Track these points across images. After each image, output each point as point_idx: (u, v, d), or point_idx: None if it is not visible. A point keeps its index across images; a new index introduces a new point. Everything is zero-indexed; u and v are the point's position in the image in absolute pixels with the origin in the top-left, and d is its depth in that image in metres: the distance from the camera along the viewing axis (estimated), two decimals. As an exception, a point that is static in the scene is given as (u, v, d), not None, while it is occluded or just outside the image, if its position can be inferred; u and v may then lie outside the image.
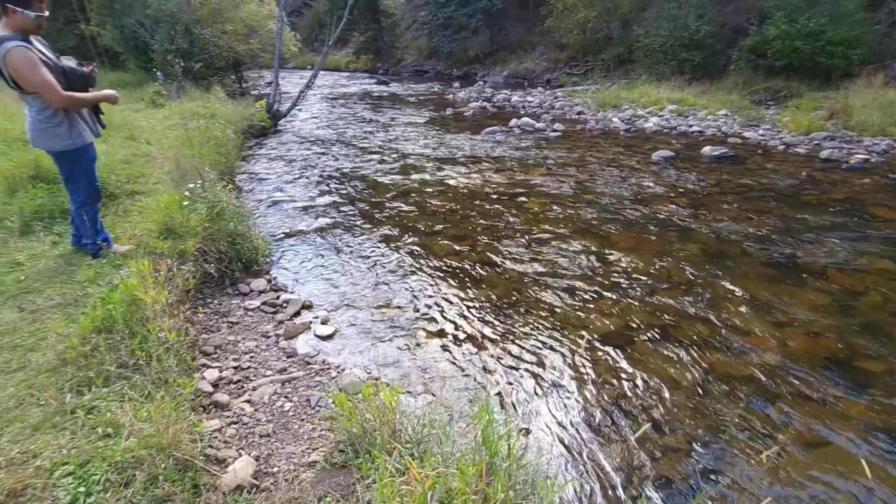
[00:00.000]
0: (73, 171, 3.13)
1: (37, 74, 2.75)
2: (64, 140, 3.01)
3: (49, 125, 2.95)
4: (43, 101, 2.88)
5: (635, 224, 5.31)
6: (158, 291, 2.47)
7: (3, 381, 2.05)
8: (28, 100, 2.93)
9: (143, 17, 13.11)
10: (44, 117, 2.93)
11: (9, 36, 2.72)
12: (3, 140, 5.91)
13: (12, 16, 2.74)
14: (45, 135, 2.98)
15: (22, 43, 2.74)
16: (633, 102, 12.68)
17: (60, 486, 1.54)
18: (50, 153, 3.11)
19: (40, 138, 3.01)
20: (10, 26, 2.76)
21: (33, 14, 2.78)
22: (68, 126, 3.01)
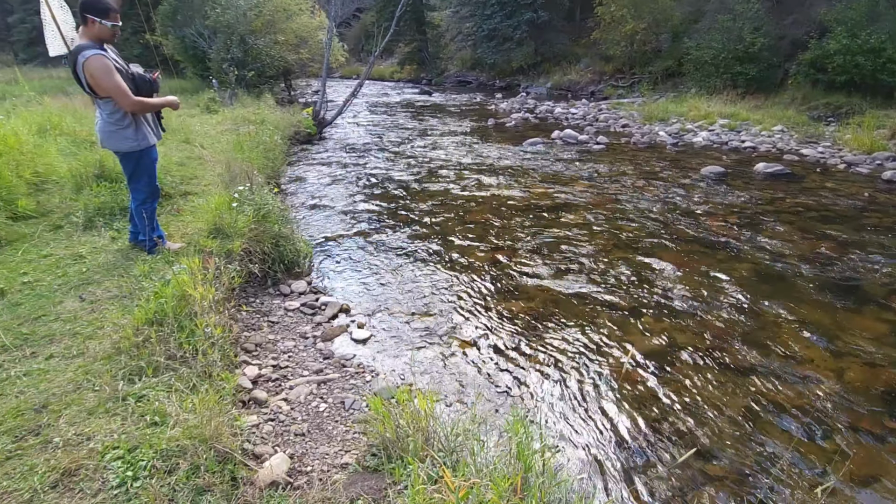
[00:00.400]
0: (137, 171, 3.32)
1: (112, 80, 2.95)
2: (130, 141, 3.20)
3: (118, 127, 3.15)
4: (114, 105, 3.08)
5: (681, 241, 5.13)
6: (206, 288, 2.57)
7: (64, 365, 2.18)
8: (100, 104, 3.14)
9: (203, 27, 13.86)
10: (113, 120, 3.13)
11: (87, 45, 2.94)
12: (73, 141, 6.33)
13: (91, 26, 2.96)
14: (114, 136, 3.18)
15: (99, 51, 2.95)
16: (682, 116, 12.32)
17: (110, 469, 1.62)
18: (117, 153, 3.31)
19: (109, 139, 3.20)
20: (87, 35, 2.99)
21: (109, 24, 2.99)
22: (135, 128, 3.20)
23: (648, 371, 3.09)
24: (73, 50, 2.99)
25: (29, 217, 4.22)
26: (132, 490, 1.54)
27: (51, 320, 2.57)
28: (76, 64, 2.94)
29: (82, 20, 2.97)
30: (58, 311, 2.66)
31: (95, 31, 2.98)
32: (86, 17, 2.95)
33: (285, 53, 14.11)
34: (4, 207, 4.11)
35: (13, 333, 2.43)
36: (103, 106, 3.12)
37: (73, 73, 3.02)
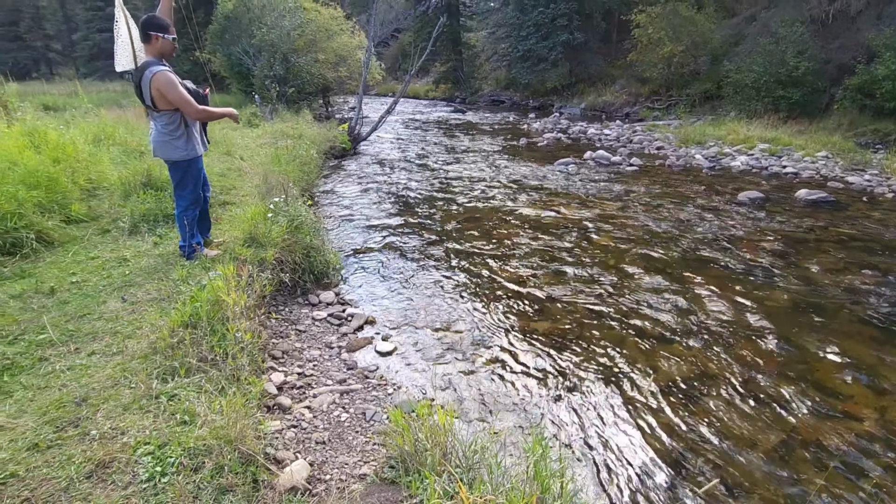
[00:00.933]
0: (184, 179, 3.52)
1: (178, 92, 3.20)
2: (181, 151, 3.42)
3: (171, 137, 3.36)
4: (169, 117, 3.30)
5: (715, 266, 4.99)
6: (239, 295, 2.67)
7: (104, 362, 2.30)
8: (155, 116, 3.36)
9: (249, 46, 14.53)
10: (168, 131, 3.34)
11: (153, 61, 3.20)
12: (124, 151, 6.71)
13: (154, 42, 3.21)
14: (167, 146, 3.39)
15: (164, 67, 3.21)
16: (720, 139, 12.07)
17: (141, 463, 1.69)
18: (168, 162, 3.51)
19: (161, 149, 3.41)
20: (151, 52, 3.24)
21: (171, 37, 3.25)
22: (185, 139, 3.42)
23: (676, 398, 3.01)
24: (140, 66, 3.24)
25: (80, 221, 4.48)
26: (160, 485, 1.61)
27: (94, 319, 2.72)
28: (142, 78, 3.18)
29: (145, 38, 3.22)
30: (101, 311, 2.81)
31: (158, 46, 3.23)
32: (149, 35, 3.19)
33: (325, 71, 14.62)
34: (59, 211, 4.38)
35: (60, 329, 2.58)
36: (158, 118, 3.34)
37: (137, 87, 3.26)
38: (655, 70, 18.28)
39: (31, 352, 2.37)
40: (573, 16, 21.54)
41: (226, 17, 16.26)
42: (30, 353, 2.36)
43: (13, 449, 1.73)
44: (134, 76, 3.26)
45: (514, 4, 23.74)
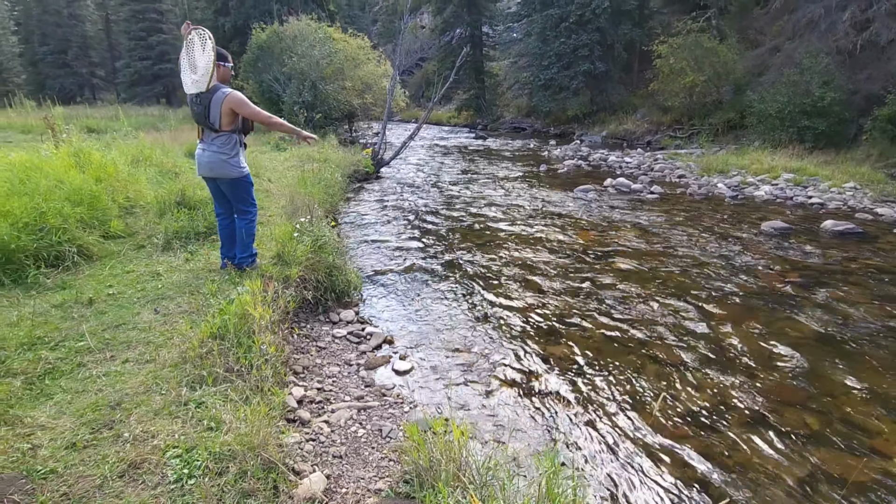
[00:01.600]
0: (244, 193, 3.82)
1: (252, 107, 3.66)
2: (239, 168, 3.71)
3: (228, 156, 3.65)
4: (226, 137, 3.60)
5: (736, 296, 4.93)
6: (265, 309, 2.78)
7: (137, 369, 2.41)
8: (213, 137, 3.61)
9: (279, 74, 15.17)
10: (225, 150, 3.62)
11: (221, 85, 3.58)
12: (160, 171, 7.05)
13: (218, 70, 3.56)
14: (225, 165, 3.65)
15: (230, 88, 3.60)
16: (743, 169, 11.97)
17: (170, 465, 1.78)
18: (227, 180, 3.74)
19: (220, 167, 3.66)
20: (218, 78, 3.58)
21: (230, 65, 3.69)
22: (240, 158, 3.73)
23: (694, 427, 2.97)
24: (211, 88, 3.53)
25: (118, 237, 4.72)
26: (187, 486, 1.69)
27: (129, 328, 2.86)
28: (212, 99, 3.50)
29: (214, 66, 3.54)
30: (136, 321, 2.96)
31: (221, 73, 3.61)
32: (217, 64, 3.54)
33: (351, 98, 15.14)
34: (99, 227, 4.63)
35: (98, 338, 2.72)
36: (216, 139, 3.61)
37: (203, 107, 3.54)
38: (677, 99, 18.35)
39: (71, 358, 2.51)
40: (595, 46, 21.89)
41: (259, 46, 17.05)
42: (69, 358, 2.50)
43: (53, 447, 1.84)
44: (200, 99, 3.53)
45: (536, 35, 24.27)
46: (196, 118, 3.66)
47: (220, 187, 3.82)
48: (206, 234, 4.79)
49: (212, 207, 5.04)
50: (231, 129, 3.62)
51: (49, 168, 4.89)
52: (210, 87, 3.52)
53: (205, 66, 3.45)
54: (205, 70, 3.45)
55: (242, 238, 3.84)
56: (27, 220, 3.87)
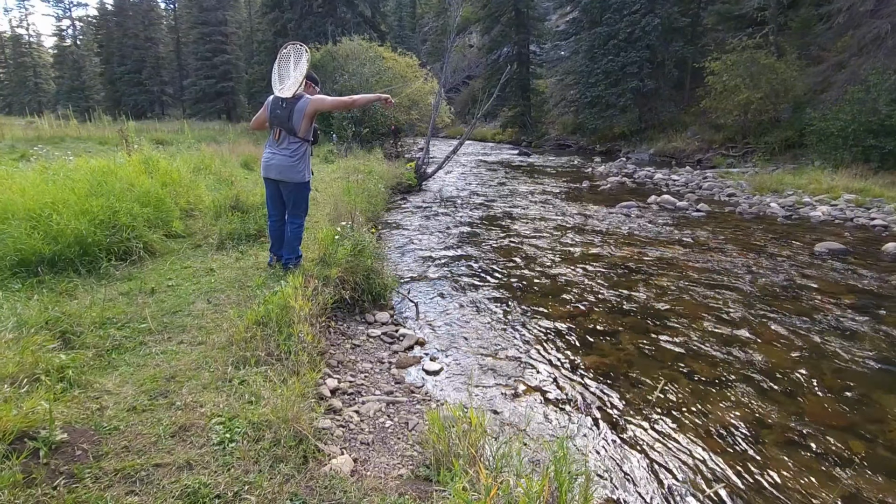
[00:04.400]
0: (301, 198, 4.15)
1: (331, 100, 4.07)
2: (303, 174, 4.05)
3: (296, 161, 3.98)
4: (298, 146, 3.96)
5: (783, 317, 4.74)
6: (304, 303, 2.98)
7: (190, 349, 2.67)
8: (288, 142, 3.96)
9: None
10: (296, 157, 3.97)
11: (303, 94, 3.96)
12: (217, 179, 7.58)
13: (308, 88, 4.05)
14: (293, 169, 3.99)
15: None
16: (799, 189, 11.44)
17: (214, 430, 1.97)
18: (290, 183, 4.06)
19: (288, 172, 3.99)
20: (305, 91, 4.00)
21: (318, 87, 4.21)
22: (306, 164, 4.07)
23: (727, 443, 2.91)
24: (296, 96, 3.90)
25: (178, 236, 5.13)
26: (227, 448, 1.87)
27: (185, 315, 3.15)
28: (296, 104, 3.87)
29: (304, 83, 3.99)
30: (190, 309, 3.24)
31: (309, 91, 4.06)
32: (307, 82, 4.01)
33: (398, 114, 15.64)
34: (162, 227, 5.05)
35: (157, 322, 3.02)
36: (290, 145, 3.95)
37: (287, 111, 3.90)
38: (730, 117, 17.77)
39: (135, 337, 2.80)
40: (644, 64, 21.62)
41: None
42: (133, 337, 2.79)
43: (117, 409, 2.08)
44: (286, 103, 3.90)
45: (583, 53, 24.25)
46: (278, 121, 3.94)
47: (281, 190, 4.11)
48: (255, 235, 5.13)
49: (262, 212, 5.41)
50: (305, 137, 3.97)
51: (122, 173, 5.39)
52: (296, 94, 3.87)
53: (297, 77, 3.83)
54: (296, 80, 3.81)
55: (290, 240, 4.11)
56: (102, 217, 4.30)
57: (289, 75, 3.89)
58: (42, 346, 2.31)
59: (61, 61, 48.35)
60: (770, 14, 18.21)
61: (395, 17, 46.81)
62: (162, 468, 1.76)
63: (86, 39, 49.63)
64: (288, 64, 3.91)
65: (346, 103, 4.10)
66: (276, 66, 3.97)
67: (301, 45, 3.95)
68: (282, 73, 3.92)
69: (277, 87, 3.93)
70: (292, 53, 3.93)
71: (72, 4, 48.63)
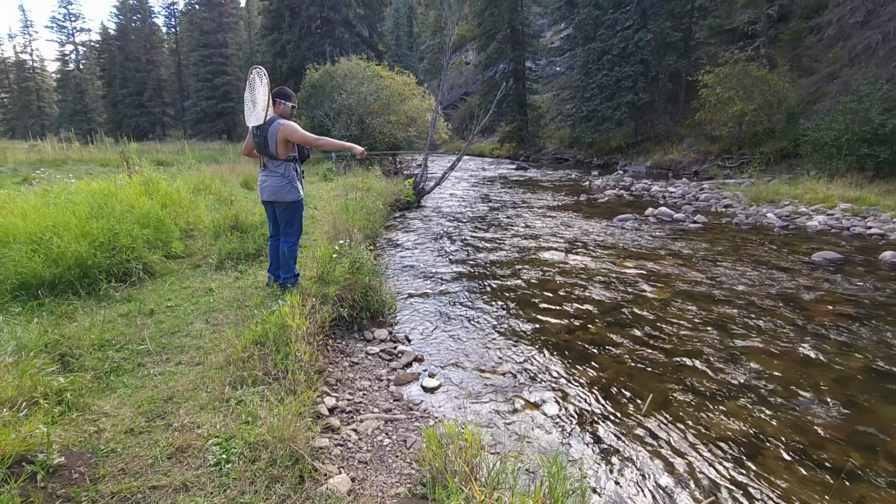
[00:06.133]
0: (294, 217, 4.18)
1: (303, 134, 4.00)
2: (295, 193, 4.10)
3: (286, 181, 4.05)
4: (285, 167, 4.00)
5: (780, 327, 4.75)
6: (302, 321, 3.00)
7: (188, 370, 2.68)
8: (273, 165, 4.02)
9: (330, 109, 16.11)
10: (284, 177, 4.02)
11: (276, 117, 3.98)
12: (217, 199, 7.64)
13: (278, 106, 4.03)
14: (283, 189, 4.05)
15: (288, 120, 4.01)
16: (795, 198, 11.51)
17: (211, 451, 1.98)
18: (282, 203, 4.13)
19: (279, 192, 4.06)
20: (275, 112, 4.01)
21: (290, 104, 4.10)
22: (297, 184, 4.12)
23: (726, 455, 2.90)
24: (268, 121, 3.95)
25: (178, 257, 5.17)
26: (224, 469, 1.88)
27: (183, 336, 3.17)
28: (269, 130, 3.91)
29: (273, 103, 4.01)
30: (189, 330, 3.27)
31: (280, 110, 4.03)
32: (276, 101, 4.01)
33: (395, 131, 15.84)
34: (162, 247, 5.10)
35: (156, 343, 3.04)
36: (276, 167, 4.02)
37: (262, 138, 3.96)
38: (725, 129, 17.94)
39: (133, 358, 2.82)
40: (638, 78, 21.89)
41: (312, 85, 18.23)
42: (132, 359, 2.81)
43: (114, 431, 2.10)
44: (260, 130, 3.97)
45: (578, 69, 24.59)
46: (257, 148, 4.08)
47: (276, 211, 4.17)
48: (254, 255, 5.17)
49: (261, 231, 5.47)
50: (287, 158, 4.02)
51: (123, 195, 5.46)
52: (267, 119, 3.92)
53: (262, 101, 3.87)
54: (262, 105, 3.87)
55: (286, 259, 4.15)
56: (103, 239, 4.35)
57: (255, 100, 3.96)
58: (41, 369, 2.33)
59: (64, 85, 49.12)
60: (760, 27, 18.54)
61: (393, 36, 47.56)
62: (158, 490, 1.77)
63: (88, 63, 50.50)
64: (254, 90, 3.99)
65: (310, 140, 4.04)
66: (247, 93, 4.04)
67: (260, 69, 4.01)
68: (253, 98, 4.00)
69: (249, 115, 4.00)
70: (256, 78, 3.99)
71: (75, 30, 49.52)
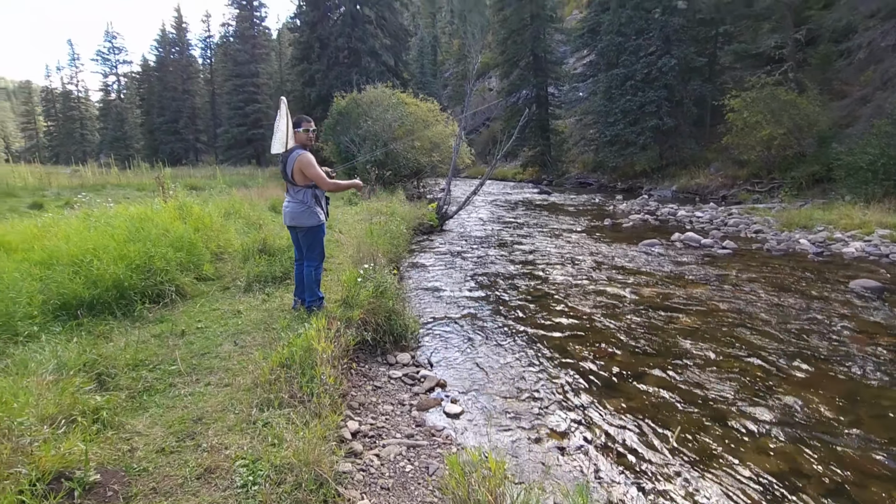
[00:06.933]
0: (315, 241, 4.28)
1: (316, 170, 4.08)
2: (315, 219, 4.21)
3: (306, 207, 4.17)
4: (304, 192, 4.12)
5: (817, 359, 4.57)
6: (327, 345, 3.05)
7: (217, 391, 2.74)
8: (293, 191, 4.18)
9: (355, 136, 16.53)
10: (305, 201, 4.15)
11: (298, 147, 4.16)
12: (247, 223, 7.88)
13: (296, 135, 4.20)
14: (303, 215, 4.18)
15: (306, 150, 4.15)
16: (830, 224, 11.17)
17: (238, 473, 2.02)
18: (303, 228, 4.25)
19: (299, 217, 4.19)
20: (297, 141, 4.21)
21: (303, 129, 4.20)
22: (317, 209, 4.23)
23: (760, 492, 2.78)
24: (289, 149, 4.17)
25: (208, 279, 5.33)
26: (251, 491, 1.91)
27: (212, 357, 3.25)
28: (288, 158, 4.10)
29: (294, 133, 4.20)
30: (218, 351, 3.35)
31: (299, 137, 4.20)
32: (295, 130, 4.19)
33: (419, 156, 16.11)
34: (194, 270, 5.26)
35: (187, 363, 3.12)
36: (296, 193, 4.17)
37: (283, 165, 4.16)
38: (753, 153, 17.64)
39: (165, 378, 2.90)
40: (662, 102, 21.85)
41: (339, 112, 18.79)
42: (164, 379, 2.89)
43: (146, 450, 2.16)
44: (282, 158, 4.20)
45: (601, 94, 24.70)
46: (282, 174, 4.24)
47: (298, 235, 4.29)
48: (281, 278, 5.29)
49: (288, 255, 5.60)
50: (306, 185, 4.15)
51: (158, 219, 5.69)
52: (289, 148, 4.12)
53: (282, 130, 4.08)
54: (282, 134, 4.07)
55: (309, 283, 4.24)
56: (139, 262, 4.53)
57: (277, 129, 4.18)
58: (80, 387, 2.42)
59: (106, 114, 52.00)
60: (788, 51, 18.35)
61: (417, 64, 48.87)
62: (187, 511, 1.81)
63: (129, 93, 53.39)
64: (279, 119, 4.21)
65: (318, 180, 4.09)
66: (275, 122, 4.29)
67: (282, 99, 4.25)
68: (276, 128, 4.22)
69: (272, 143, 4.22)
70: (282, 108, 4.22)
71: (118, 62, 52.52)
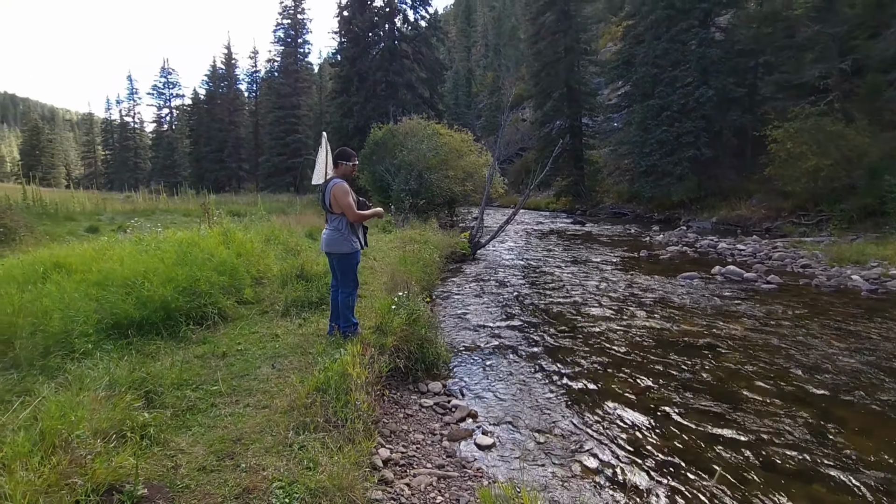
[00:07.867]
0: (348, 268, 4.40)
1: (346, 199, 4.21)
2: (349, 246, 4.35)
3: (341, 235, 4.32)
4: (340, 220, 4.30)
5: (876, 403, 4.29)
6: (362, 370, 3.10)
7: (255, 413, 2.82)
8: (331, 218, 4.36)
9: (390, 165, 16.97)
10: (340, 230, 4.31)
11: (337, 178, 4.34)
12: (285, 249, 8.14)
13: (339, 167, 4.42)
14: (338, 242, 4.33)
15: (343, 181, 4.32)
16: (885, 260, 10.57)
17: (275, 494, 2.06)
18: (337, 255, 4.39)
19: (334, 244, 4.34)
20: (337, 173, 4.41)
21: (351, 163, 4.43)
22: (352, 237, 4.37)
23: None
24: (328, 180, 4.38)
25: (248, 303, 5.52)
26: (286, 514, 1.94)
27: (251, 379, 3.35)
28: (326, 187, 4.30)
29: (335, 164, 4.44)
30: (256, 373, 3.45)
31: (342, 170, 4.42)
32: (337, 162, 4.42)
33: (453, 186, 16.34)
34: (235, 293, 5.47)
35: (227, 384, 3.23)
36: (333, 220, 4.34)
37: (322, 195, 4.38)
38: (798, 184, 17.00)
39: (207, 398, 3.01)
40: (700, 133, 21.50)
41: (375, 142, 19.38)
42: (206, 399, 3.00)
43: (189, 468, 2.23)
44: (321, 188, 4.43)
45: (636, 125, 24.55)
46: (320, 203, 4.42)
47: (333, 262, 4.43)
48: (317, 303, 5.42)
49: (325, 280, 5.75)
50: (342, 213, 4.29)
51: (204, 244, 5.97)
52: (328, 178, 4.33)
53: (321, 162, 4.31)
54: (321, 166, 4.30)
55: (342, 309, 4.34)
56: (185, 285, 4.75)
57: (317, 161, 4.42)
58: (130, 404, 2.54)
59: (158, 143, 55.56)
60: (833, 82, 17.85)
61: (452, 96, 50.11)
62: (226, 530, 1.85)
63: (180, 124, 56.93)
64: (319, 152, 4.46)
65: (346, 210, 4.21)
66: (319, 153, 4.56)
67: (323, 133, 4.53)
68: (316, 160, 4.45)
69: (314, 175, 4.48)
70: (323, 141, 4.48)
71: (172, 96, 56.24)
